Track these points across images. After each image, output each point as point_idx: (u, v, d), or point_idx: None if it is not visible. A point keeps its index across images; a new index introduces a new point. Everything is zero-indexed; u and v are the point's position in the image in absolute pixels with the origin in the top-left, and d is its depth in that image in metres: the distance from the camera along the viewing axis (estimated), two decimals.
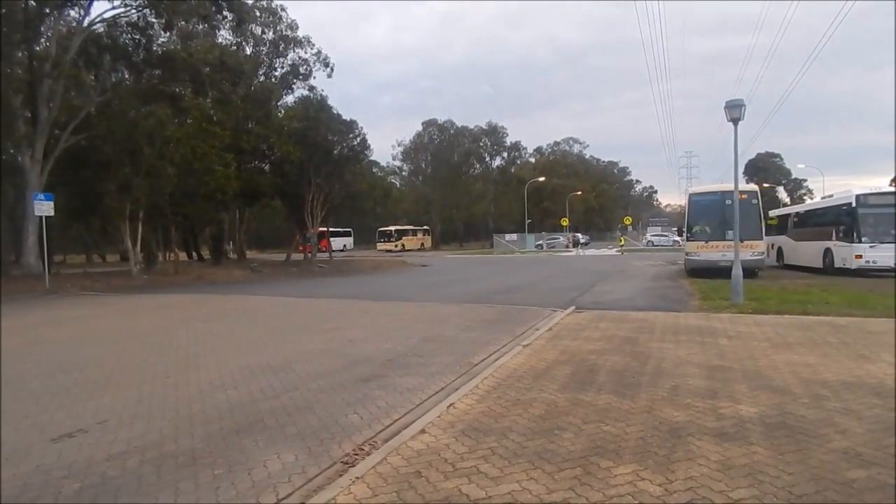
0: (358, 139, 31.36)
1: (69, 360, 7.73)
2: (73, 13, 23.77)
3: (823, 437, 4.11)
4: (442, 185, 75.13)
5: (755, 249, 18.26)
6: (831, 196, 22.22)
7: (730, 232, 17.79)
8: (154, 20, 23.11)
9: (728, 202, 18.32)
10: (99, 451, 4.32)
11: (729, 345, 7.54)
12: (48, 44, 22.49)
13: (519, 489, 3.37)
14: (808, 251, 21.96)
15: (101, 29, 22.89)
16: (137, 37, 23.10)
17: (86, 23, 22.50)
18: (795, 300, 11.85)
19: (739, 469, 3.57)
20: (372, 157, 38.01)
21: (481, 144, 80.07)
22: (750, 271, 17.90)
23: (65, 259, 40.84)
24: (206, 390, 5.99)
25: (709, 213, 19.43)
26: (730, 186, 20.72)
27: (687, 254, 19.83)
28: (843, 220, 18.81)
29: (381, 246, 60.64)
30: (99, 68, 23.41)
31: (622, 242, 48.88)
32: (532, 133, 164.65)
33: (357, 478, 3.60)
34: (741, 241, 17.54)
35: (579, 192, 74.13)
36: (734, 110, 12.47)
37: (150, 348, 8.58)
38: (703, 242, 19.05)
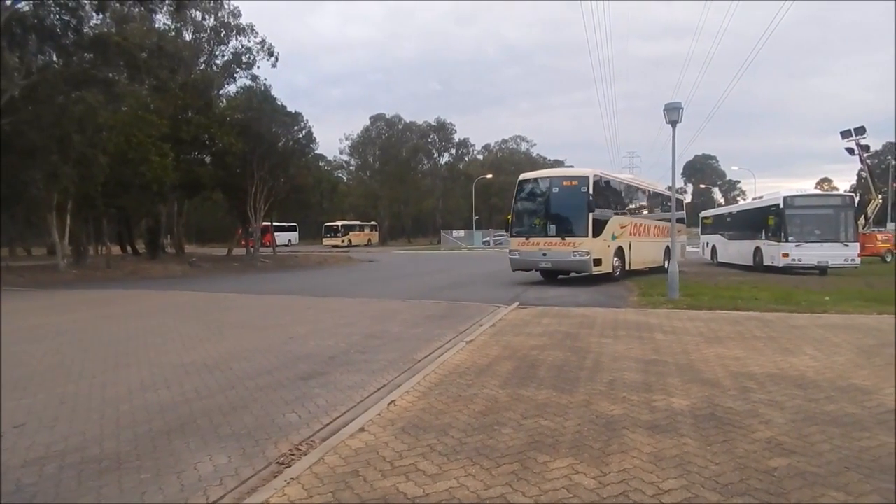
0: (303, 132, 30.88)
1: None
2: None
3: (749, 427, 4.29)
4: (390, 181, 74.69)
5: (579, 248, 15.28)
6: (761, 197, 23.36)
7: (553, 226, 15.88)
8: (85, 0, 21.86)
9: (555, 190, 16.11)
10: (14, 456, 4.06)
11: (664, 339, 7.79)
12: None
13: (457, 486, 3.37)
14: (739, 249, 23.03)
15: (27, 8, 21.49)
16: (67, 17, 21.77)
17: (9, 0, 21.08)
18: (727, 296, 12.36)
19: (670, 460, 3.68)
20: (319, 151, 37.37)
21: (429, 140, 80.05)
22: (551, 275, 16.61)
23: None
24: (135, 390, 5.72)
25: (534, 204, 16.67)
26: (560, 171, 18.22)
27: (510, 251, 17.14)
28: (772, 220, 19.77)
29: (327, 241, 59.80)
30: (24, 49, 21.96)
31: None
32: (481, 130, 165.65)
33: (292, 479, 3.51)
34: (562, 238, 15.44)
35: None
36: (672, 113, 12.89)
37: (75, 346, 8.14)
38: (524, 239, 16.39)
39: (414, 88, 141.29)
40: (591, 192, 15.28)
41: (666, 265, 20.68)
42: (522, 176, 17.64)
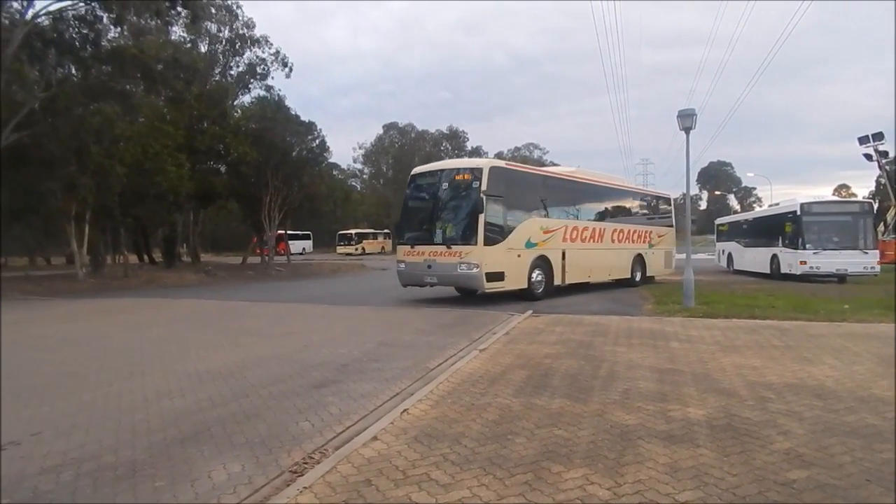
0: (317, 141, 31.01)
1: (4, 367, 7.33)
2: (15, 5, 22.67)
3: (767, 438, 4.22)
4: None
5: (466, 259, 12.50)
6: (778, 204, 23.15)
7: (438, 231, 13.24)
8: (103, 14, 22.28)
9: (445, 186, 13.35)
10: (31, 464, 4.09)
11: (680, 348, 7.71)
12: None
13: (469, 496, 3.34)
14: (756, 257, 22.81)
15: (46, 22, 21.94)
16: (85, 31, 22.19)
17: (29, 15, 21.52)
18: (744, 304, 12.22)
19: (686, 471, 3.63)
20: (332, 160, 37.59)
21: (442, 148, 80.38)
22: (467, 291, 14.24)
23: (5, 261, 38.94)
24: (150, 398, 5.76)
25: (423, 203, 14.02)
26: (454, 163, 15.33)
27: (397, 262, 14.37)
28: (789, 227, 19.56)
29: (340, 249, 59.97)
30: (43, 63, 22.41)
31: None
32: (491, 138, 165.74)
33: (305, 487, 3.50)
34: (447, 246, 12.76)
35: None
36: (686, 119, 12.84)
37: (92, 355, 8.22)
38: (409, 247, 13.68)
39: (423, 97, 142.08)
40: (484, 187, 12.40)
41: (638, 278, 17.97)
42: (415, 169, 14.85)
